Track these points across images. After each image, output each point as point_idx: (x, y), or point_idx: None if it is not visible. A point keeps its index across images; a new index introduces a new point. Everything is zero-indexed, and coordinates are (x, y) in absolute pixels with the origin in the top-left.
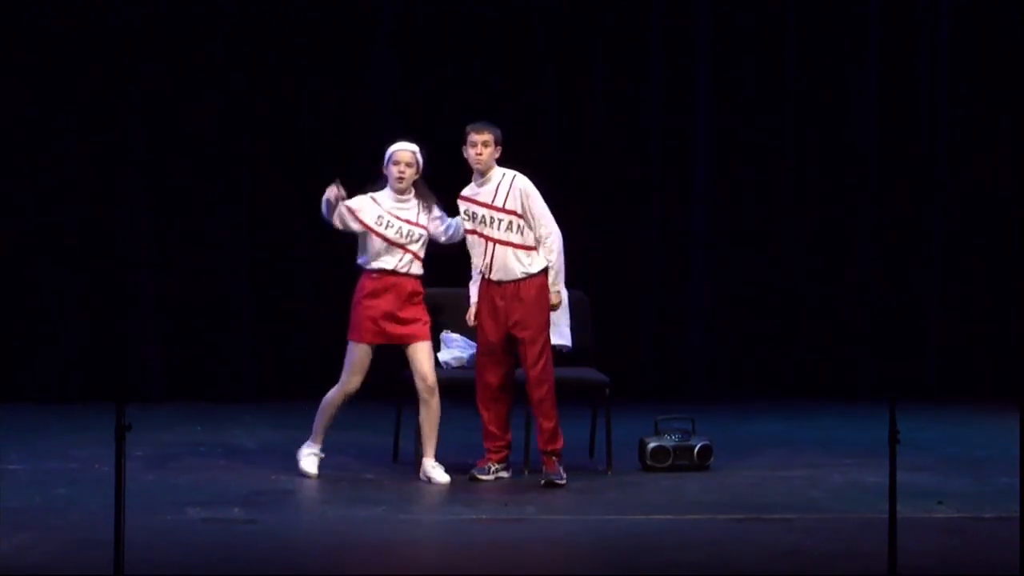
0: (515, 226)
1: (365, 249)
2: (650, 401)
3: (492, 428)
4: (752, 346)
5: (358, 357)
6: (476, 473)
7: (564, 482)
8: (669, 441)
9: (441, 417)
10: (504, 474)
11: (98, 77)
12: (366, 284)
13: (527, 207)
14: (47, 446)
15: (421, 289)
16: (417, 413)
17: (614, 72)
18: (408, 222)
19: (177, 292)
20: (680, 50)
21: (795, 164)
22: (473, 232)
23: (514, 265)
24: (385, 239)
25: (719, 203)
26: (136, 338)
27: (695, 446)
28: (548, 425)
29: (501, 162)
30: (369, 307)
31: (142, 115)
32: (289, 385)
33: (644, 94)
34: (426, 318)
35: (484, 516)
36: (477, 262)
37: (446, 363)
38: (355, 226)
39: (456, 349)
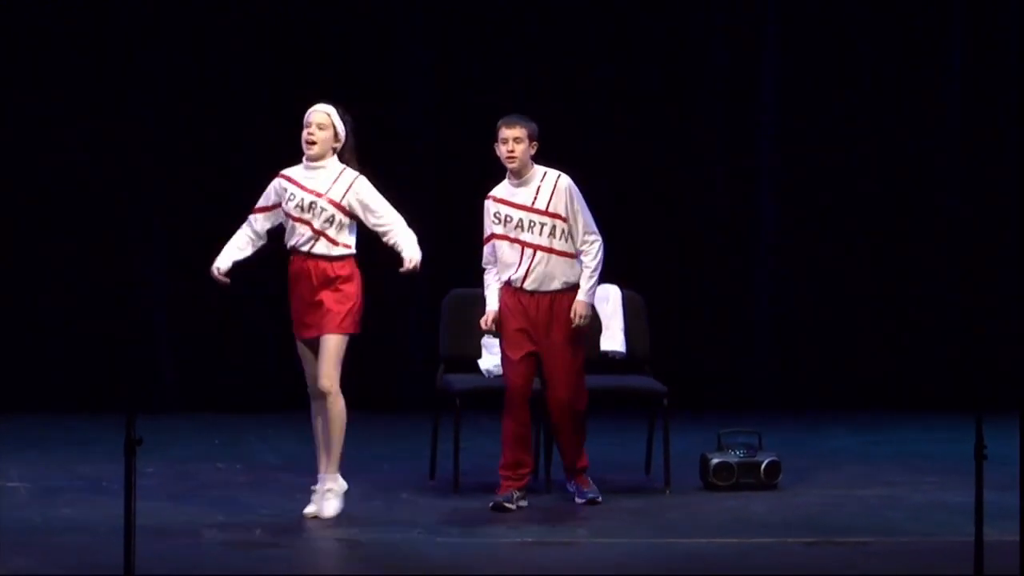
0: (559, 231)
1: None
2: (712, 413)
3: (517, 452)
4: (824, 353)
5: (298, 354)
6: (502, 501)
7: (602, 499)
8: (733, 457)
9: (475, 429)
10: (524, 503)
11: (109, 80)
12: (288, 269)
13: (573, 211)
14: (50, 461)
15: (339, 272)
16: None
17: (673, 61)
18: (312, 192)
19: (192, 294)
20: (743, 37)
21: (870, 160)
22: (504, 237)
23: (556, 274)
24: (289, 215)
25: (787, 198)
26: (148, 344)
27: (762, 462)
28: (581, 441)
29: (537, 159)
30: (290, 300)
31: (155, 119)
32: None
33: (705, 83)
34: (339, 308)
35: (530, 539)
36: (505, 269)
37: (487, 371)
38: (279, 220)
39: (498, 356)
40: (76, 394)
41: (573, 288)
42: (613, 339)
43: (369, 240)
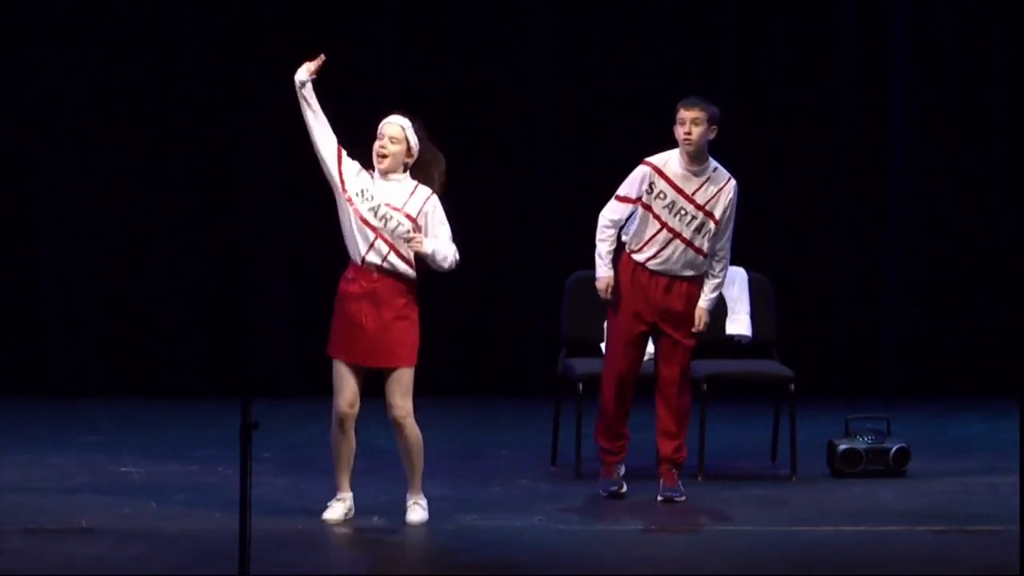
0: (705, 230)
1: (342, 232)
2: (840, 398)
3: (618, 424)
4: (954, 337)
5: (336, 374)
6: (615, 489)
7: (684, 499)
8: (861, 443)
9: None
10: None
11: (236, 74)
12: (341, 287)
13: (726, 218)
14: (165, 446)
15: (406, 298)
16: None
17: (802, 43)
18: (389, 205)
19: (307, 277)
20: (875, 17)
21: (1000, 148)
22: (649, 209)
23: (683, 265)
24: (358, 213)
25: (917, 179)
26: (264, 327)
27: (890, 449)
28: (683, 432)
29: (713, 150)
30: (342, 320)
31: (270, 102)
32: (440, 379)
33: (835, 64)
34: (410, 339)
35: (653, 527)
36: (638, 238)
37: None
38: (327, 154)
39: None
40: (192, 378)
41: (692, 278)
42: (739, 323)
43: (481, 228)
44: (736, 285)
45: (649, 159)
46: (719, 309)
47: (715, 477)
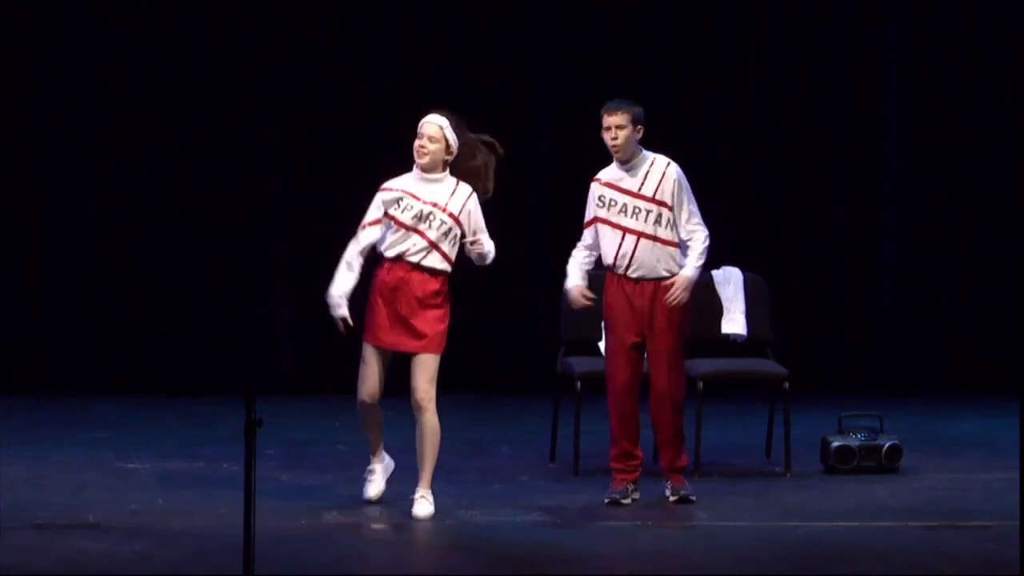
0: (664, 219)
1: (384, 234)
2: (833, 396)
3: (627, 444)
4: (947, 336)
5: (365, 357)
6: (617, 497)
7: (695, 498)
8: (854, 440)
9: (596, 411)
10: (637, 495)
11: (237, 76)
12: (377, 276)
13: (679, 200)
14: (171, 443)
15: (439, 287)
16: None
17: (799, 43)
18: (429, 203)
19: (311, 277)
20: (869, 19)
21: (994, 143)
22: (606, 222)
23: (659, 263)
24: (400, 224)
25: (911, 180)
26: (268, 326)
27: (883, 446)
28: (680, 433)
29: (646, 143)
30: (376, 306)
31: (273, 102)
32: (440, 377)
33: (832, 65)
34: (439, 327)
35: (650, 522)
36: (607, 254)
37: None
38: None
39: None
40: (197, 376)
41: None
42: (734, 322)
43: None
44: (731, 284)
45: (597, 175)
46: (714, 308)
47: (711, 474)
